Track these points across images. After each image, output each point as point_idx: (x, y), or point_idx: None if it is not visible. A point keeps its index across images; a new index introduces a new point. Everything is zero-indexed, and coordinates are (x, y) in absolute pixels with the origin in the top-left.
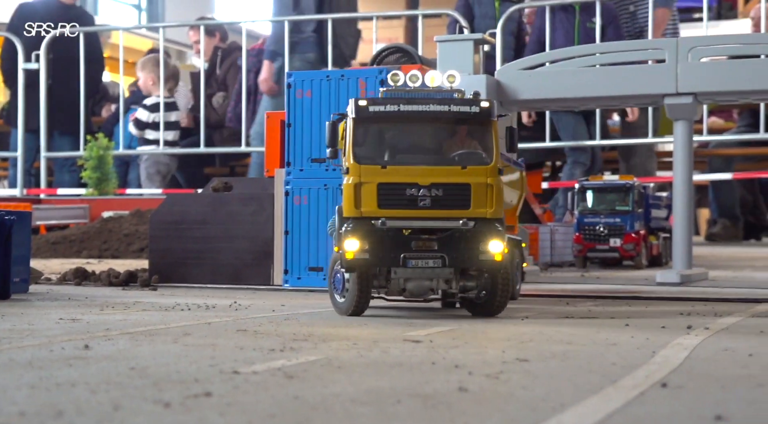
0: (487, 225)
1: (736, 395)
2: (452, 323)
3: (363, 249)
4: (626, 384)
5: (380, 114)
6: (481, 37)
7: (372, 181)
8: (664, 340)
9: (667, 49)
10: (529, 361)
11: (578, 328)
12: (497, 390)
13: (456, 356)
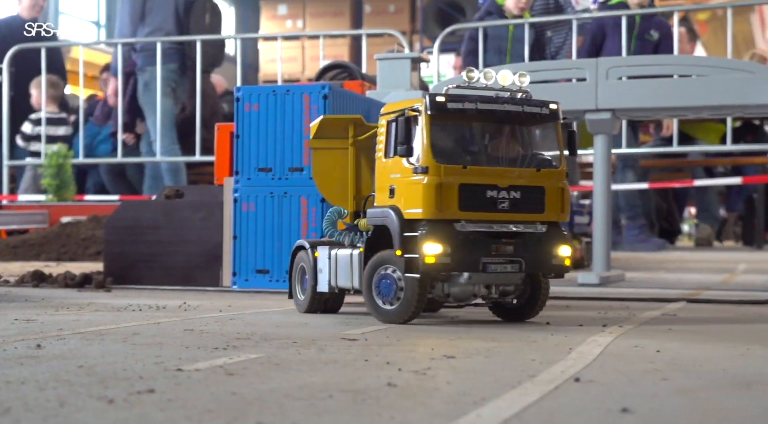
0: (556, 229)
1: (641, 388)
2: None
3: (445, 253)
4: (543, 379)
5: (458, 111)
6: (418, 55)
7: (453, 181)
8: (581, 337)
9: (588, 68)
10: (456, 358)
11: (503, 326)
12: (423, 385)
13: (388, 354)
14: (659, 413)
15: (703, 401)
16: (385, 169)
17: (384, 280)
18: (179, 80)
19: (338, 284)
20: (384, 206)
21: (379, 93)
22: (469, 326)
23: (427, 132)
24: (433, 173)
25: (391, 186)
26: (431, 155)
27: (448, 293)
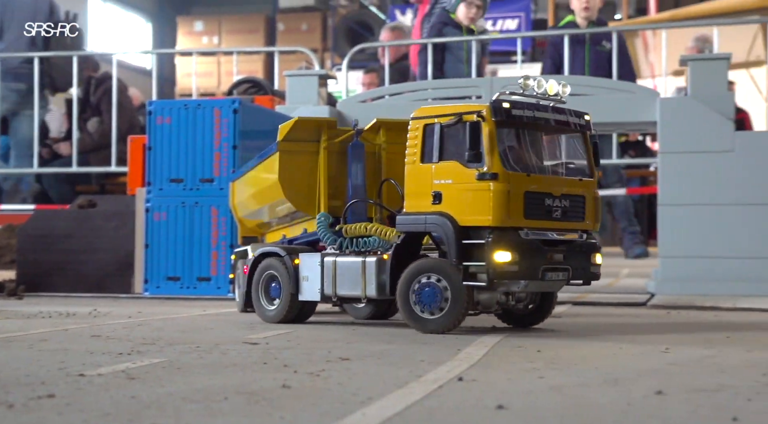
0: (590, 237)
1: (519, 386)
2: (291, 326)
3: (514, 261)
4: (429, 379)
5: (519, 118)
6: (326, 72)
7: (519, 189)
8: (470, 339)
9: (484, 86)
10: (350, 359)
11: (400, 329)
12: (316, 386)
13: (287, 357)
14: (532, 408)
15: (574, 397)
16: (423, 174)
17: (426, 288)
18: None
19: (339, 293)
20: (425, 213)
21: (288, 108)
22: (368, 329)
23: (494, 138)
24: (502, 180)
25: (436, 192)
26: (500, 162)
27: (478, 301)
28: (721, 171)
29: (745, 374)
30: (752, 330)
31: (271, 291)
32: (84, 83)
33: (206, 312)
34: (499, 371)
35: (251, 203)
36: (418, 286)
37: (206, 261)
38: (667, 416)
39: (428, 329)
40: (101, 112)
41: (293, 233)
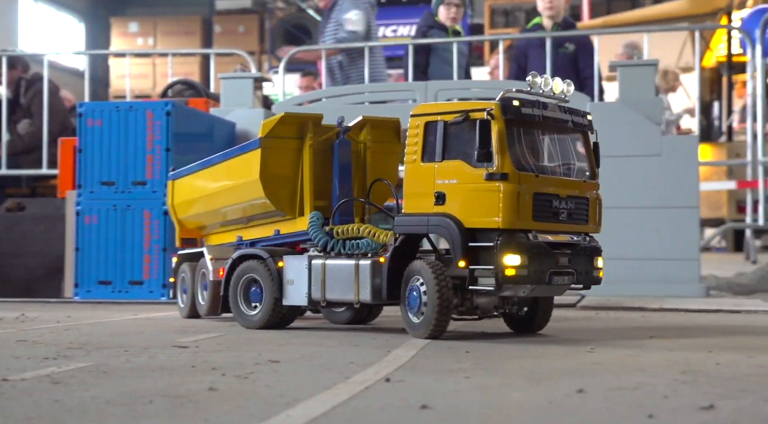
0: (592, 240)
1: (445, 386)
2: (222, 329)
3: (523, 265)
4: (356, 380)
5: (528, 117)
6: (261, 75)
7: (528, 190)
8: (400, 340)
9: (419, 91)
10: (280, 362)
11: (331, 331)
12: (243, 389)
13: (215, 360)
14: (455, 408)
15: (497, 396)
16: (424, 173)
17: (413, 292)
18: None
19: (328, 297)
20: (427, 214)
21: (223, 111)
22: (301, 332)
23: (503, 137)
24: (512, 181)
25: (439, 192)
26: (510, 162)
27: (477, 305)
28: (648, 174)
29: (665, 373)
30: (675, 330)
31: (251, 296)
32: (14, 84)
33: (137, 316)
34: (426, 372)
35: (204, 203)
36: (408, 289)
37: (138, 265)
38: (586, 414)
39: (414, 334)
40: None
41: (256, 235)
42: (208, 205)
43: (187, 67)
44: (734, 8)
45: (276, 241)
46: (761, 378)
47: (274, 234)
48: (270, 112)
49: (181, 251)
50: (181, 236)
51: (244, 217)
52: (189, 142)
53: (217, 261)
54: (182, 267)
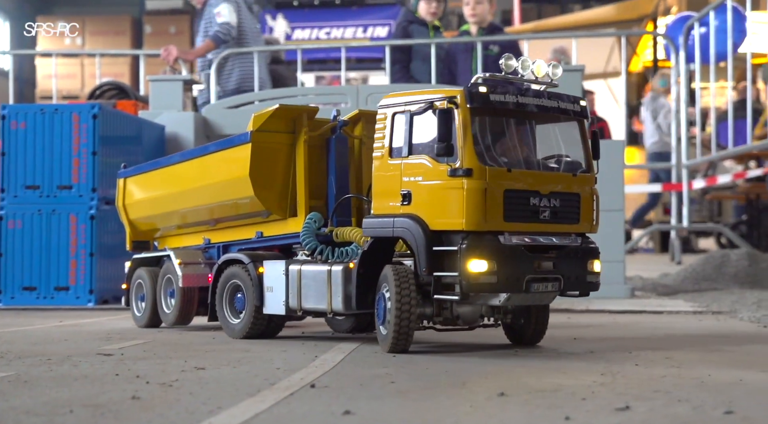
0: (587, 241)
1: (369, 391)
2: (149, 335)
3: (491, 271)
4: (281, 386)
5: (499, 105)
6: (191, 77)
7: (498, 186)
8: (328, 345)
9: (350, 94)
10: (206, 369)
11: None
12: (166, 397)
13: (140, 368)
14: (378, 413)
15: (419, 400)
16: (391, 170)
17: (380, 301)
18: None
19: (304, 306)
20: (391, 215)
21: (152, 113)
22: (226, 340)
23: (468, 128)
24: (478, 177)
25: (405, 191)
26: (475, 156)
27: (458, 315)
28: None
29: (585, 375)
30: (599, 331)
31: (236, 303)
32: None
33: (62, 323)
34: (351, 378)
35: (165, 203)
36: (378, 298)
37: (64, 270)
38: (505, 416)
39: (382, 346)
40: None
41: (232, 237)
42: (171, 205)
43: (116, 68)
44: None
45: (259, 244)
46: (675, 379)
47: (256, 236)
48: (200, 116)
49: (137, 255)
50: (132, 238)
51: (212, 218)
52: (116, 146)
53: (187, 266)
54: (138, 272)
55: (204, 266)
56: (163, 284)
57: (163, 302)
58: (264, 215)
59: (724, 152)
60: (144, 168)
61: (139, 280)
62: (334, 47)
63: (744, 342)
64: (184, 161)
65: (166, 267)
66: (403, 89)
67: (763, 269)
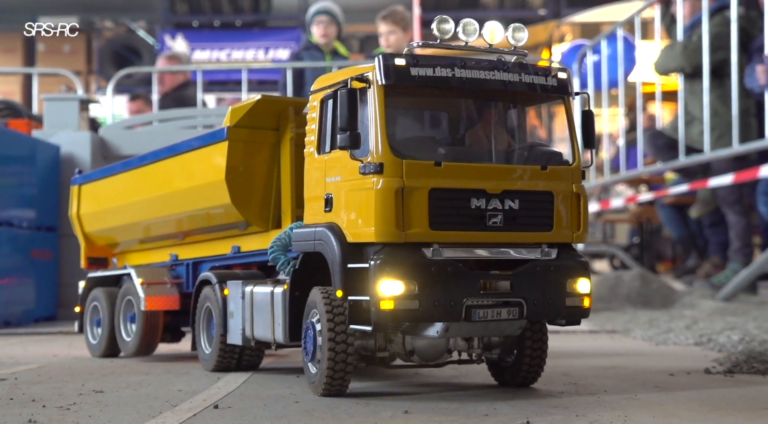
0: (569, 254)
1: (273, 411)
2: (43, 360)
3: (410, 294)
4: (184, 407)
5: (426, 81)
6: (87, 97)
7: (421, 185)
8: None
9: None
10: (104, 392)
11: (158, 361)
12: (64, 420)
13: (36, 391)
14: None
15: (323, 420)
16: (319, 170)
17: (308, 332)
18: None
19: (255, 335)
20: (316, 225)
21: (46, 133)
22: (126, 361)
23: (381, 111)
24: (390, 174)
25: (328, 195)
26: (388, 146)
27: (412, 350)
28: None
29: (486, 394)
30: None
31: (212, 329)
32: None
33: None
34: (255, 398)
35: (126, 214)
36: (305, 328)
37: None
38: None
39: (312, 388)
40: None
41: (203, 253)
42: (132, 216)
43: (6, 87)
44: (554, 42)
45: (236, 260)
46: (573, 395)
47: (233, 252)
48: (97, 136)
49: (92, 274)
50: (87, 254)
51: (180, 231)
52: (9, 165)
53: (150, 286)
54: (94, 293)
55: (170, 286)
56: (123, 307)
57: (122, 328)
58: (242, 227)
59: (617, 176)
60: (101, 173)
61: (95, 302)
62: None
63: (637, 360)
64: (147, 164)
65: (126, 288)
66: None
67: (654, 289)
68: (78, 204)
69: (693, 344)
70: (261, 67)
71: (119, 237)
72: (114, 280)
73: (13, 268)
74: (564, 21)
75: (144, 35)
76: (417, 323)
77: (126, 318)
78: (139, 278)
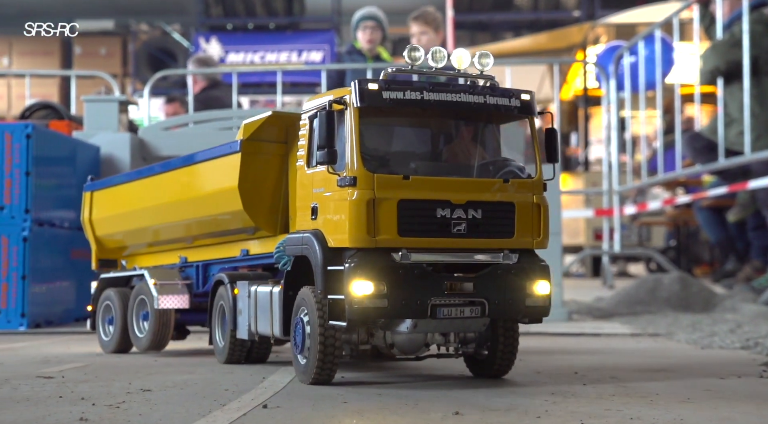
0: (530, 259)
1: (322, 411)
2: (87, 359)
3: (379, 294)
4: (233, 407)
5: (396, 103)
6: (126, 98)
7: (390, 197)
8: (273, 368)
9: None
10: (152, 390)
11: (203, 358)
12: (115, 418)
13: (84, 390)
14: None
15: (373, 420)
16: (308, 182)
17: (297, 326)
18: None
19: (258, 330)
20: (305, 231)
21: (86, 134)
22: (170, 360)
23: (355, 131)
24: (363, 186)
25: (314, 204)
26: (361, 162)
27: (392, 343)
28: None
29: (535, 394)
30: (541, 352)
31: (225, 325)
32: None
33: None
34: (303, 398)
35: (138, 219)
36: (295, 323)
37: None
38: None
39: (300, 378)
40: None
41: (213, 255)
42: (144, 221)
43: (45, 89)
44: (589, 44)
45: (244, 262)
46: (624, 397)
47: (242, 254)
48: (136, 137)
49: (105, 275)
50: (98, 256)
51: (189, 235)
52: (50, 166)
53: (163, 286)
54: (106, 293)
55: (181, 287)
56: (136, 305)
57: (135, 326)
58: (250, 232)
59: (654, 179)
60: (115, 181)
61: (107, 301)
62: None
63: (685, 363)
64: (161, 173)
65: (140, 288)
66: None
67: (694, 293)
68: (90, 209)
69: (740, 348)
70: (295, 70)
71: (129, 241)
72: (124, 281)
73: (54, 268)
74: (598, 22)
75: (179, 38)
76: (388, 320)
77: (139, 316)
78: (152, 278)
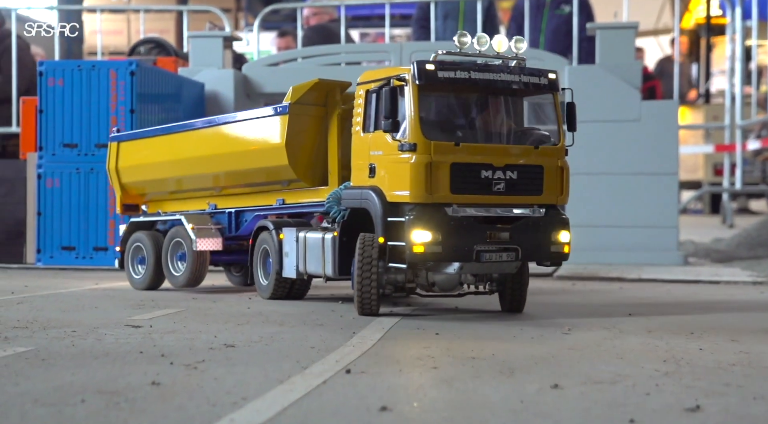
0: (555, 213)
1: (408, 380)
2: (182, 303)
3: (435, 241)
4: (314, 371)
5: (449, 81)
6: (230, 33)
7: (444, 160)
8: (366, 320)
9: (393, 52)
10: (236, 346)
11: (295, 307)
12: (189, 383)
13: (167, 344)
14: (417, 410)
15: (465, 393)
16: (364, 145)
17: (352, 268)
18: None
19: (308, 270)
20: (362, 187)
21: (191, 70)
22: (264, 307)
23: (415, 104)
24: (422, 151)
25: (371, 164)
26: (420, 131)
27: (433, 282)
28: (627, 140)
29: (645, 361)
30: (654, 306)
31: (267, 267)
32: None
33: (98, 286)
34: (390, 361)
35: (168, 169)
36: (352, 264)
37: (103, 230)
38: (560, 417)
39: (356, 310)
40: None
41: (247, 203)
42: (174, 171)
43: (162, 24)
44: None
45: (277, 211)
46: (746, 368)
47: (278, 203)
48: (240, 73)
49: (135, 219)
50: (123, 201)
51: (217, 185)
52: (155, 103)
53: (200, 230)
54: (136, 235)
55: (215, 231)
56: (171, 247)
57: (170, 265)
58: (284, 184)
59: None
60: (138, 135)
61: (138, 243)
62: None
63: None
64: (199, 129)
65: (176, 230)
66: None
67: None
68: (117, 158)
69: None
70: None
71: (154, 188)
72: (149, 224)
73: None
74: None
75: None
76: (440, 263)
77: (174, 257)
78: (190, 223)
